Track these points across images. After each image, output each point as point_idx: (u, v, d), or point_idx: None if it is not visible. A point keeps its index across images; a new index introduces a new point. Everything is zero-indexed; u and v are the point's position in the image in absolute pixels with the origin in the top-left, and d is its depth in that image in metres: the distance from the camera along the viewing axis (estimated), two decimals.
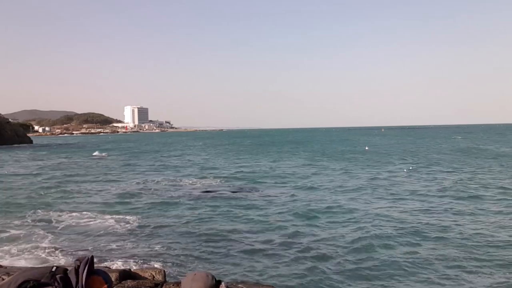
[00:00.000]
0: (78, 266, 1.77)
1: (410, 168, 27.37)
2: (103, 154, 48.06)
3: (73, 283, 1.74)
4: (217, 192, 18.98)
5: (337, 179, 23.36)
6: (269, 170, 29.06)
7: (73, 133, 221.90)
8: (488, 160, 32.43)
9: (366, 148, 52.41)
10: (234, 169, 30.42)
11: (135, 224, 12.90)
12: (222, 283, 1.72)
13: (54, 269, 1.78)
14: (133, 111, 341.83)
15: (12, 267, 7.53)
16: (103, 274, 1.86)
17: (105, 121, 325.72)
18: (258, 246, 10.42)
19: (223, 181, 22.90)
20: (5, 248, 10.38)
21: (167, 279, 6.91)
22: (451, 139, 76.49)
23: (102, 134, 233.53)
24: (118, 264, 8.99)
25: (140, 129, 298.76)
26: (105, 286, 1.82)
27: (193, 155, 47.18)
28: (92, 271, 1.81)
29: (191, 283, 1.68)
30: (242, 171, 28.56)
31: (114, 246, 10.51)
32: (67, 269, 1.82)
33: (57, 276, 1.73)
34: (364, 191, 18.59)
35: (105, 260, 9.33)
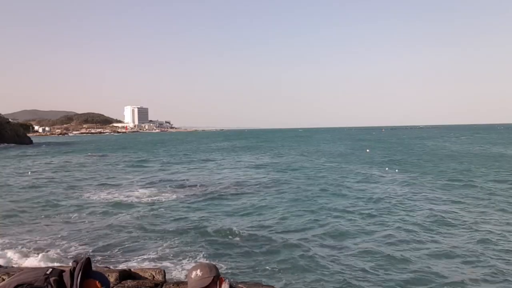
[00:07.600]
0: (74, 269, 1.74)
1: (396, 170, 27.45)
2: None
3: (68, 286, 1.70)
4: (217, 191, 18.98)
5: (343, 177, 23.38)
6: (271, 168, 29.07)
7: (73, 133, 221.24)
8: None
9: (367, 150, 52.56)
10: (234, 166, 30.44)
11: (136, 224, 12.86)
12: (226, 280, 1.71)
13: (49, 271, 1.75)
14: (133, 111, 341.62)
15: (11, 267, 7.52)
16: (100, 277, 1.82)
17: (105, 121, 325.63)
18: (259, 246, 10.38)
19: (224, 180, 22.88)
20: (8, 247, 10.37)
21: (167, 279, 6.89)
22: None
23: (116, 133, 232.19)
24: (118, 264, 8.97)
25: (140, 129, 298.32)
26: None
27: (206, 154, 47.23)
28: (88, 274, 1.77)
29: (196, 271, 1.70)
30: (243, 170, 28.58)
31: (114, 245, 10.49)
32: (63, 271, 1.78)
33: (51, 279, 1.69)
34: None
35: (105, 260, 9.31)
